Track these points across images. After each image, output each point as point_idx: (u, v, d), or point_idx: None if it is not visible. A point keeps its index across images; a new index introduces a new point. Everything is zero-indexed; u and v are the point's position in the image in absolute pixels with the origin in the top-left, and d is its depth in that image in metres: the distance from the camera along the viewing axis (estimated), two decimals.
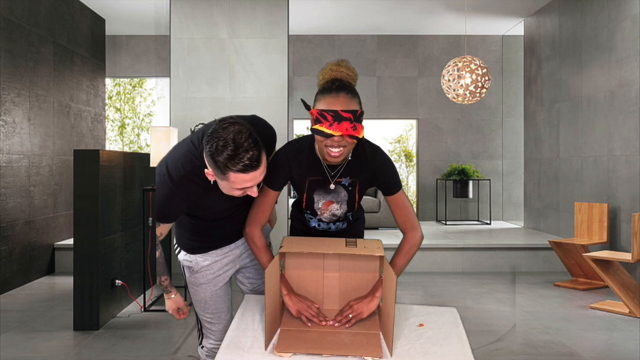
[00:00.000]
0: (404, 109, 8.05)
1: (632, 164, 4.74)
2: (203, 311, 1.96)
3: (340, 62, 1.72)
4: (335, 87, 1.64)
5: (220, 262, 1.93)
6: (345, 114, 1.59)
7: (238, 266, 1.98)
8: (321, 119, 1.60)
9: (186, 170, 1.65)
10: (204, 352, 2.02)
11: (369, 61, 7.99)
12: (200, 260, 1.91)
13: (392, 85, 8.03)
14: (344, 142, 1.61)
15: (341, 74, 1.69)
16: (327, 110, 1.59)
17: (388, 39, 8.01)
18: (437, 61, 7.99)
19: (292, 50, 7.90)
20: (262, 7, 5.31)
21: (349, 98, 1.62)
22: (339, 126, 1.58)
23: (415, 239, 1.79)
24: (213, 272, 1.93)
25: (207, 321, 1.98)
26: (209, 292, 1.94)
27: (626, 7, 4.86)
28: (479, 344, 3.35)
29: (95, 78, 6.62)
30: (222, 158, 1.46)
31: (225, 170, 1.49)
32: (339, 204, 1.83)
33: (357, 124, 1.61)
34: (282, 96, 5.30)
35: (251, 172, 1.49)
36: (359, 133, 1.61)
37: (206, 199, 1.70)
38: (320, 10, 6.76)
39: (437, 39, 8.02)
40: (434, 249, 5.57)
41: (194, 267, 1.92)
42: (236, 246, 1.95)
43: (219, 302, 1.96)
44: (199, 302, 1.95)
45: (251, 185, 1.55)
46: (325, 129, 1.59)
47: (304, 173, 1.78)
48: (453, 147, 8.04)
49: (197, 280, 1.93)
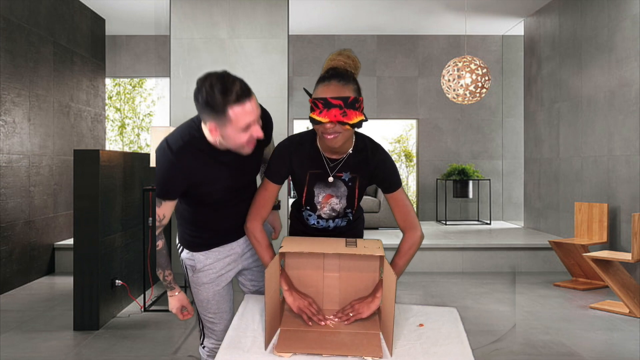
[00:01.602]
0: (404, 109, 8.05)
1: (632, 164, 4.74)
2: (205, 311, 1.96)
3: (341, 51, 1.75)
4: (328, 76, 1.67)
5: (222, 261, 1.93)
6: (334, 100, 1.61)
7: (240, 267, 1.98)
8: (314, 107, 1.64)
9: (184, 141, 1.69)
10: (206, 352, 2.02)
11: (369, 61, 7.99)
12: (202, 258, 1.92)
13: (392, 85, 8.04)
14: (337, 128, 1.63)
15: (339, 62, 1.72)
16: (318, 98, 1.63)
17: (388, 39, 8.01)
18: (437, 61, 7.99)
19: (292, 50, 7.90)
20: (262, 7, 5.31)
21: (340, 85, 1.63)
22: (327, 113, 1.61)
23: (414, 238, 1.79)
24: (215, 272, 1.93)
25: (208, 321, 1.98)
26: (212, 291, 1.94)
27: (626, 7, 4.86)
28: (479, 344, 3.35)
29: (95, 78, 6.62)
30: (216, 96, 1.54)
31: (223, 108, 1.55)
32: (339, 199, 1.83)
33: (349, 110, 1.61)
34: (282, 96, 5.30)
35: (246, 100, 1.57)
36: (350, 119, 1.61)
37: (205, 171, 1.72)
38: (320, 10, 6.76)
39: (437, 39, 8.02)
40: (434, 249, 5.57)
41: (196, 265, 1.92)
42: (237, 245, 1.95)
43: (221, 301, 1.96)
44: (201, 301, 1.95)
45: (253, 120, 1.60)
46: (316, 116, 1.63)
47: (304, 166, 1.79)
48: (453, 147, 8.04)
49: (200, 279, 1.93)
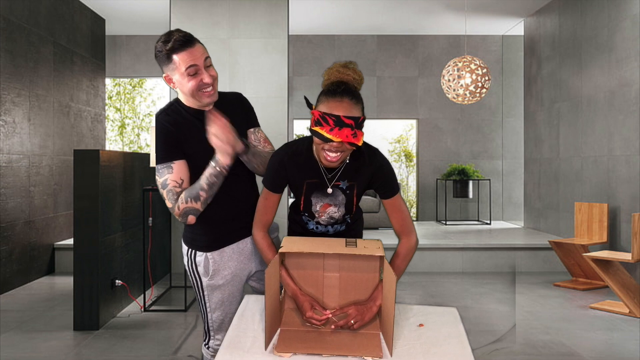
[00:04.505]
0: (404, 109, 8.05)
1: (632, 164, 4.74)
2: (215, 313, 1.94)
3: (348, 64, 1.70)
4: (340, 91, 1.60)
5: (237, 259, 1.92)
6: (347, 120, 1.57)
7: (253, 266, 1.97)
8: (322, 122, 1.58)
9: (170, 104, 1.90)
10: (210, 352, 2.01)
11: (369, 61, 7.99)
12: (217, 258, 1.89)
13: (392, 85, 8.03)
14: (342, 147, 1.60)
15: (348, 77, 1.67)
16: (329, 114, 1.57)
17: (388, 39, 8.01)
18: (437, 61, 7.99)
19: (292, 50, 7.90)
20: (262, 7, 5.31)
21: (352, 104, 1.59)
22: (339, 132, 1.56)
23: (411, 244, 1.79)
24: (231, 272, 1.91)
25: (217, 323, 1.96)
26: (227, 292, 1.92)
27: (626, 7, 4.86)
28: (479, 344, 3.35)
29: (95, 78, 6.62)
30: (160, 46, 1.75)
31: (169, 55, 1.74)
32: (337, 207, 1.82)
33: (358, 131, 1.59)
34: (282, 96, 5.30)
35: (188, 47, 1.74)
36: (359, 140, 1.59)
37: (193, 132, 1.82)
38: (320, 10, 6.76)
39: (437, 39, 8.02)
40: (434, 249, 5.57)
41: (211, 267, 1.89)
42: (249, 241, 1.95)
43: (234, 302, 1.94)
44: (215, 304, 1.93)
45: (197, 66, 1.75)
46: (326, 133, 1.57)
47: (301, 175, 1.77)
48: (453, 147, 8.04)
49: (216, 282, 1.90)
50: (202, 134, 1.77)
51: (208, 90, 1.80)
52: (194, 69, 1.75)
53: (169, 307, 4.20)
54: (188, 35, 1.77)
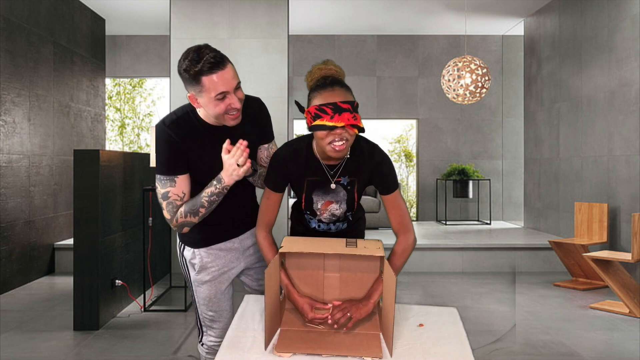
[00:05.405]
0: (404, 109, 8.05)
1: (632, 164, 4.74)
2: (205, 309, 1.96)
3: (326, 62, 1.74)
4: (329, 82, 1.65)
5: (224, 258, 1.93)
6: (344, 105, 1.60)
7: (243, 264, 1.98)
8: (321, 114, 1.60)
9: (177, 115, 1.77)
10: (204, 349, 2.02)
11: (369, 61, 7.99)
12: (204, 255, 1.91)
13: (392, 85, 8.03)
14: (346, 134, 1.62)
15: (330, 71, 1.71)
16: (325, 104, 1.60)
17: (388, 39, 8.01)
18: (437, 61, 7.99)
19: (292, 50, 7.90)
20: (262, 7, 5.31)
21: (344, 91, 1.64)
22: (340, 117, 1.59)
23: (408, 242, 1.79)
24: (218, 269, 1.93)
25: (208, 319, 1.98)
26: (214, 290, 1.94)
27: (626, 7, 4.86)
28: (479, 344, 3.35)
29: (95, 78, 6.62)
30: (191, 65, 1.61)
31: (197, 77, 1.61)
32: (338, 204, 1.83)
33: (356, 114, 1.62)
34: (282, 96, 5.30)
35: (218, 70, 1.62)
36: (360, 123, 1.62)
37: (201, 145, 1.76)
38: (320, 10, 6.76)
39: (437, 39, 8.02)
40: (434, 249, 5.57)
41: (198, 263, 1.92)
42: (239, 240, 1.96)
43: (222, 299, 1.96)
44: (202, 299, 1.95)
45: (227, 90, 1.64)
46: (327, 122, 1.59)
47: (302, 174, 1.78)
48: (453, 147, 8.04)
49: (202, 278, 1.93)
50: (213, 149, 1.74)
51: (234, 114, 1.72)
52: (223, 95, 1.65)
53: (169, 307, 4.20)
54: (219, 56, 1.64)
